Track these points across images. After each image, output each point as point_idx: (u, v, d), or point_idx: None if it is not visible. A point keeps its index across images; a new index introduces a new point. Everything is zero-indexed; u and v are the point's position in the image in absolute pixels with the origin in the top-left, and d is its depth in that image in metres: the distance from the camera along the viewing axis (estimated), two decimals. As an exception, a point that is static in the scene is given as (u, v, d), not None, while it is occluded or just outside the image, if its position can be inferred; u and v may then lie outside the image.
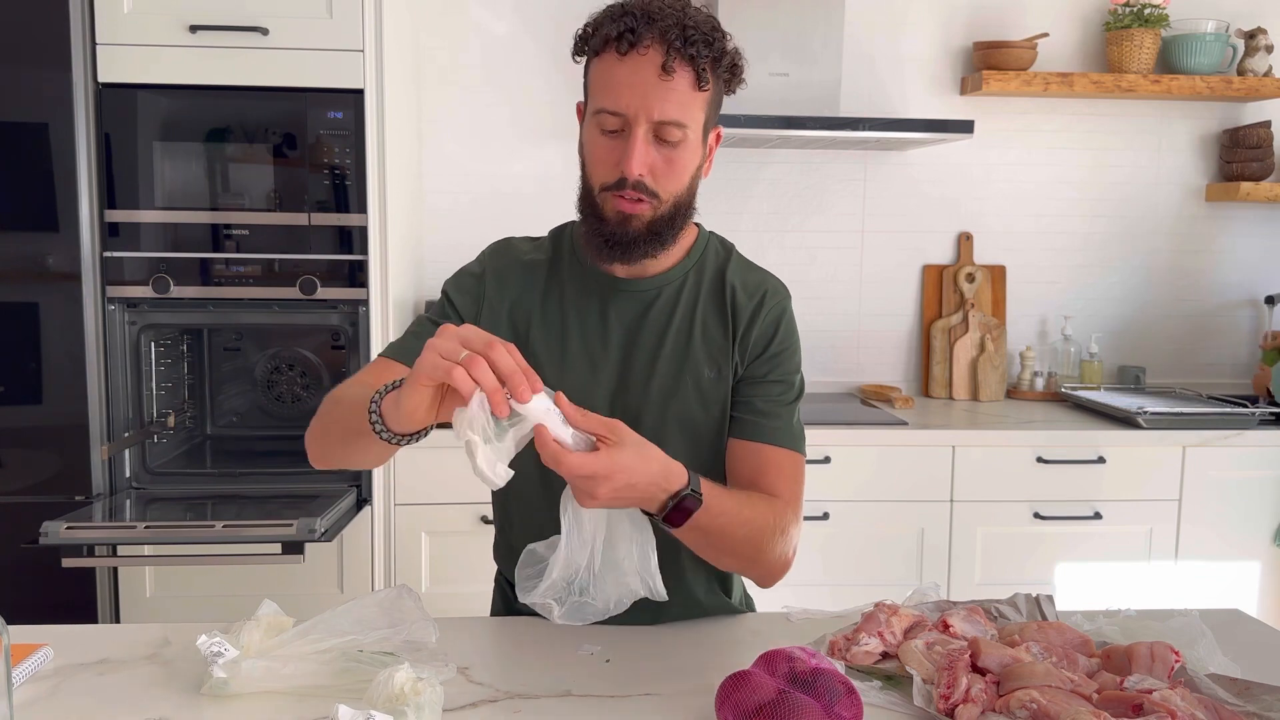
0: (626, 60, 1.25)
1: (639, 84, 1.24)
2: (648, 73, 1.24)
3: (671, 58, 1.23)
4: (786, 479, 1.38)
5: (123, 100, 2.35)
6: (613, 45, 1.26)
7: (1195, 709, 1.08)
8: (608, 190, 1.29)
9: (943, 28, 3.21)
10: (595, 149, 1.31)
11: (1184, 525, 2.77)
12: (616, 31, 1.25)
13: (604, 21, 1.28)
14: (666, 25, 1.23)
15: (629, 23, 1.24)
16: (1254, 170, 3.22)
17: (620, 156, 1.27)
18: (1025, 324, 3.35)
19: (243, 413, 2.79)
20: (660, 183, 1.29)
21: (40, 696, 1.18)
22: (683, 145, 1.28)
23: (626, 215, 1.30)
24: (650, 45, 1.24)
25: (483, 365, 1.04)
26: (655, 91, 1.24)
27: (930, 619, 1.34)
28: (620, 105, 1.26)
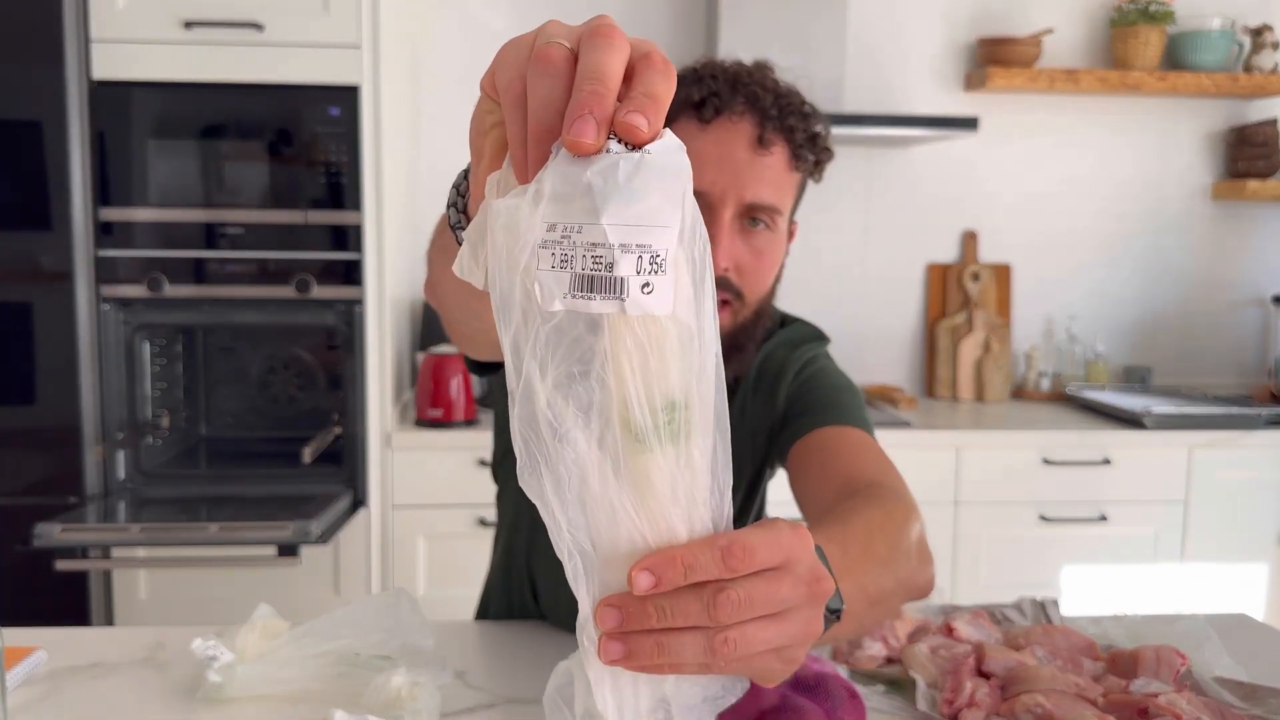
0: (711, 130, 1.05)
1: (728, 159, 1.05)
2: (739, 145, 1.05)
3: (767, 129, 1.06)
4: (872, 455, 1.14)
5: (116, 97, 2.33)
6: (692, 112, 1.06)
7: (1201, 713, 1.07)
8: None
9: (947, 24, 3.19)
10: None
11: (1190, 527, 2.75)
12: (700, 96, 1.05)
13: (696, 85, 1.07)
14: (759, 92, 1.06)
15: (713, 85, 1.05)
16: (1261, 168, 3.20)
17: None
18: (1030, 324, 3.33)
19: (238, 414, 2.77)
20: (746, 280, 1.09)
21: (33, 700, 1.17)
22: (773, 237, 1.10)
23: (728, 324, 1.10)
24: (743, 114, 1.05)
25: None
26: (748, 168, 1.05)
27: (934, 623, 1.33)
28: (705, 183, 1.04)
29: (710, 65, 1.08)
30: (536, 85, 0.53)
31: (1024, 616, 1.39)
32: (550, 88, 0.53)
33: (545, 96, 0.53)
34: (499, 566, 1.45)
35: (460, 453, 2.54)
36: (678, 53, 3.12)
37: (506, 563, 1.42)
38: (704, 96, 1.05)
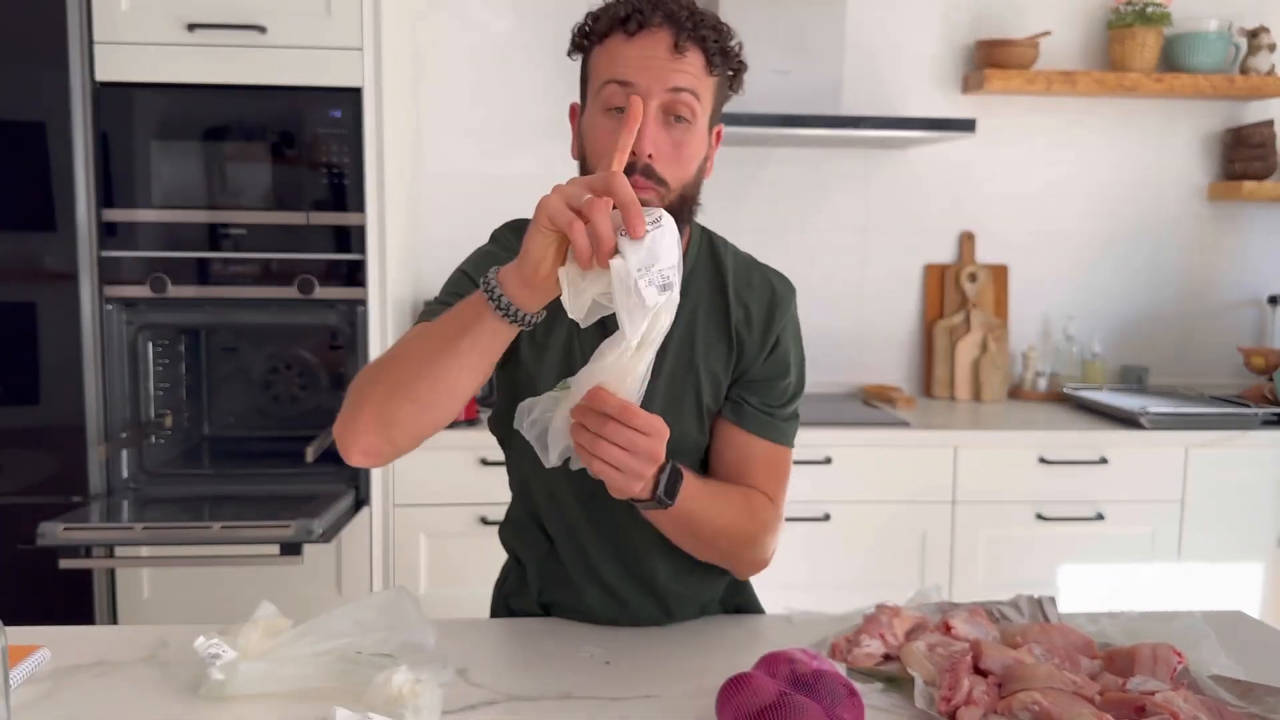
0: (636, 40, 1.22)
1: (651, 59, 1.21)
2: (660, 50, 1.21)
3: (683, 37, 1.21)
4: (775, 475, 1.38)
5: (120, 99, 2.34)
6: (619, 28, 1.23)
7: (1198, 711, 1.08)
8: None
9: (945, 26, 3.20)
10: (599, 134, 1.25)
11: (1187, 526, 2.76)
12: (624, 13, 1.22)
13: (607, 8, 1.25)
14: (675, 9, 1.22)
15: (637, 4, 1.22)
16: (1257, 169, 3.21)
17: (635, 136, 1.14)
18: (1028, 324, 3.34)
19: (240, 413, 2.78)
20: (668, 169, 1.23)
21: (37, 698, 1.17)
22: (692, 129, 1.24)
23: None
24: (661, 26, 1.21)
25: (605, 208, 0.96)
26: (668, 65, 1.21)
27: (932, 621, 1.34)
28: (631, 76, 1.21)
29: None
30: (590, 218, 0.96)
31: (1021, 614, 1.40)
32: (600, 221, 0.96)
33: (598, 227, 0.95)
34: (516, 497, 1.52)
35: (461, 452, 2.55)
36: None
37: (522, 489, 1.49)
38: (628, 13, 1.22)
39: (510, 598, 1.53)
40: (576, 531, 1.40)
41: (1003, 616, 1.39)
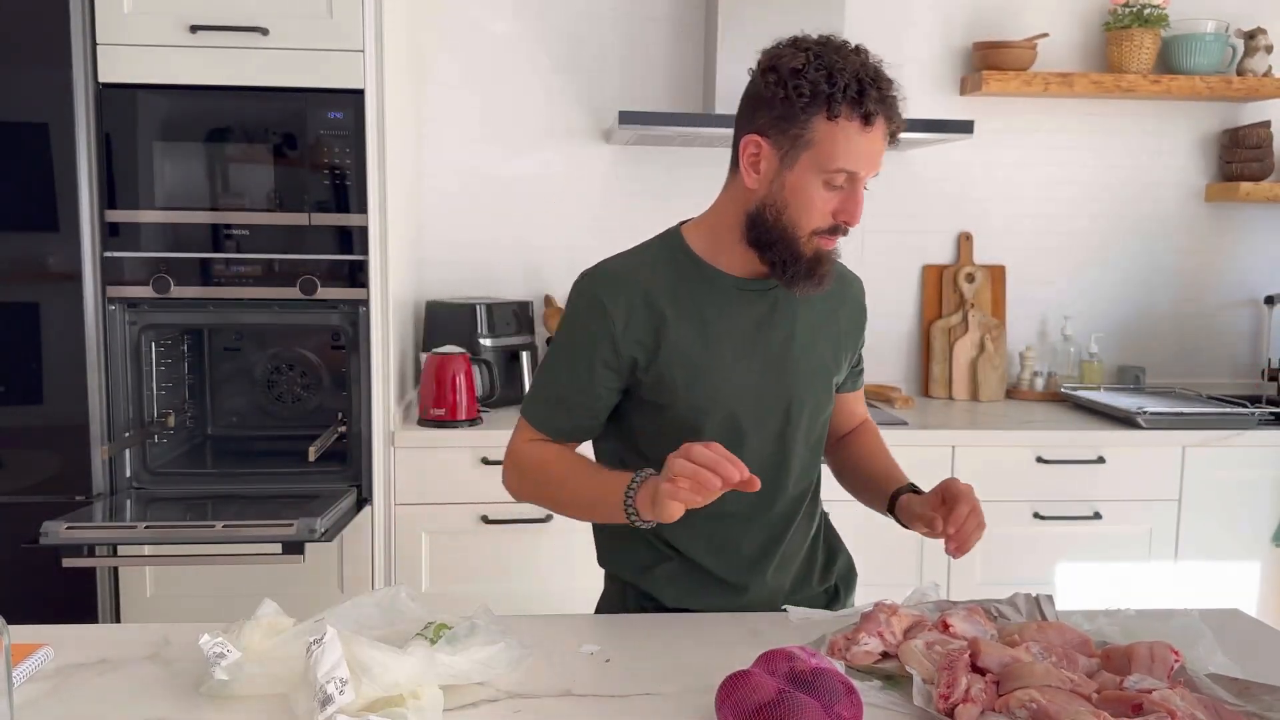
0: (869, 133, 1.38)
1: (872, 150, 1.39)
2: (878, 140, 1.39)
3: (890, 125, 1.40)
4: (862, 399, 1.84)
5: (123, 100, 2.35)
6: (859, 114, 1.37)
7: (1195, 709, 1.09)
8: (821, 234, 1.43)
9: (943, 28, 3.21)
10: (816, 199, 1.42)
11: (1184, 525, 2.78)
12: (868, 108, 1.36)
13: (849, 86, 1.37)
14: (892, 103, 1.40)
15: (871, 104, 1.37)
16: (1254, 170, 3.22)
17: (837, 206, 1.42)
18: (1025, 324, 3.35)
19: (243, 413, 2.79)
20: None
21: (40, 696, 1.18)
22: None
23: (829, 251, 1.47)
24: (882, 122, 1.39)
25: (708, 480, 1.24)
26: (878, 153, 1.41)
27: (930, 619, 1.34)
28: (860, 168, 1.39)
29: (866, 75, 1.38)
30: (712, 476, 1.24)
31: (1019, 613, 1.41)
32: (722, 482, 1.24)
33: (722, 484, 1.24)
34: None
35: (463, 451, 2.56)
36: (676, 56, 3.14)
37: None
38: (868, 112, 1.37)
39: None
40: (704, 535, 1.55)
41: (1000, 615, 1.40)
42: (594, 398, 1.51)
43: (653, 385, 1.49)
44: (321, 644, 1.09)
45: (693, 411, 1.48)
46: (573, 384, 1.51)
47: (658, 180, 3.15)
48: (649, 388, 1.50)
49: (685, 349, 1.48)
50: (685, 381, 1.48)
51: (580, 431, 1.56)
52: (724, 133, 2.82)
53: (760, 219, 1.45)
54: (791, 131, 1.39)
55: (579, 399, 1.51)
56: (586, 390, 1.50)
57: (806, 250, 1.44)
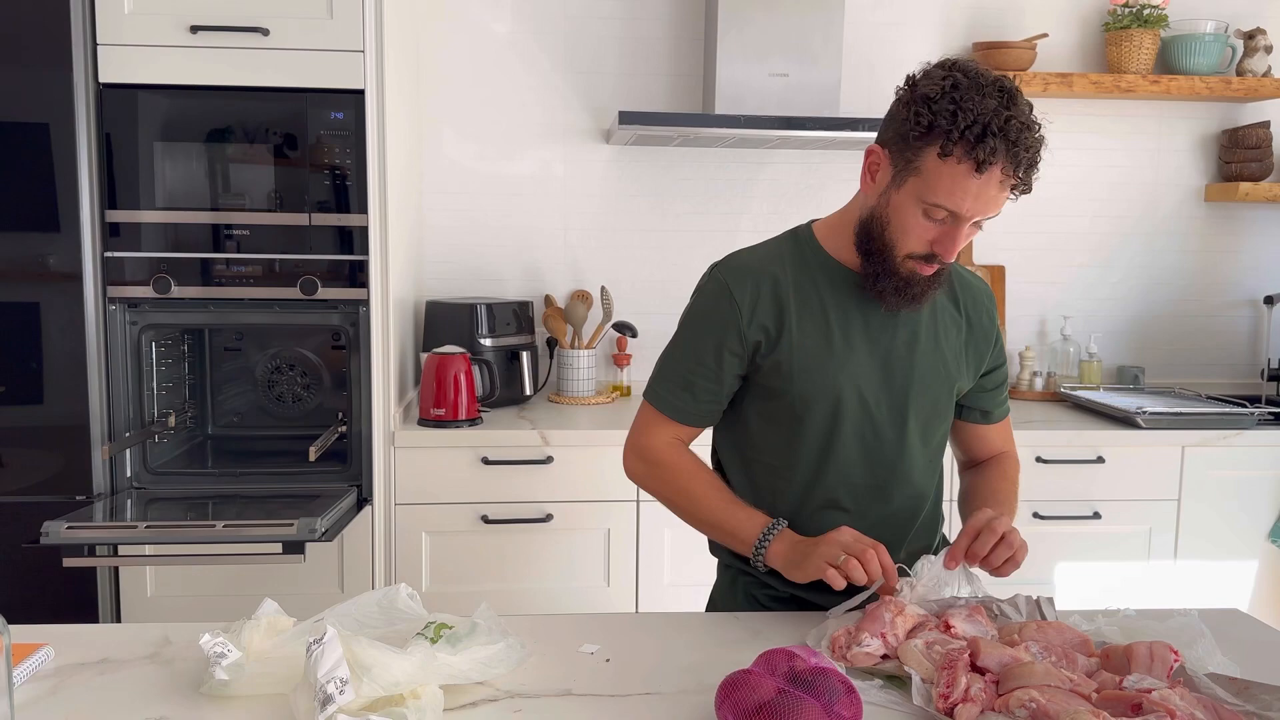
0: (981, 178, 1.36)
1: (981, 196, 1.38)
2: (991, 188, 1.38)
3: (1009, 177, 1.38)
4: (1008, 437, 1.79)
5: (123, 100, 2.35)
6: (971, 159, 1.35)
7: (1194, 708, 1.09)
8: (914, 259, 1.45)
9: (942, 28, 3.21)
10: (914, 226, 1.43)
11: (1183, 525, 2.78)
12: (982, 155, 1.34)
13: (970, 128, 1.34)
14: (1018, 154, 1.36)
15: (994, 145, 1.34)
16: (1253, 170, 3.23)
17: (935, 237, 1.43)
18: (1024, 324, 3.35)
19: (243, 412, 2.79)
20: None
21: (41, 696, 1.18)
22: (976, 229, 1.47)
23: (929, 279, 1.48)
24: (996, 167, 1.36)
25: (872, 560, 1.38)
26: (987, 201, 1.40)
27: (932, 620, 1.34)
28: (961, 209, 1.39)
29: (997, 121, 1.35)
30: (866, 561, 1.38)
31: (1019, 612, 1.41)
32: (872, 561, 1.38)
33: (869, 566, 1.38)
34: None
35: (463, 451, 2.56)
36: (676, 56, 3.14)
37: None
38: (984, 157, 1.35)
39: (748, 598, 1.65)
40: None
41: (1001, 614, 1.40)
42: (719, 383, 1.56)
43: (770, 371, 1.53)
44: (322, 644, 1.09)
45: (801, 400, 1.52)
46: (699, 370, 1.56)
47: (658, 180, 3.15)
48: (766, 373, 1.54)
49: (803, 337, 1.52)
50: (800, 368, 1.51)
51: (705, 416, 1.60)
52: (724, 133, 2.83)
53: (868, 227, 1.48)
54: (906, 154, 1.41)
55: (705, 384, 1.56)
56: (713, 376, 1.55)
57: (901, 269, 1.46)
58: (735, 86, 2.90)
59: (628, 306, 3.12)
